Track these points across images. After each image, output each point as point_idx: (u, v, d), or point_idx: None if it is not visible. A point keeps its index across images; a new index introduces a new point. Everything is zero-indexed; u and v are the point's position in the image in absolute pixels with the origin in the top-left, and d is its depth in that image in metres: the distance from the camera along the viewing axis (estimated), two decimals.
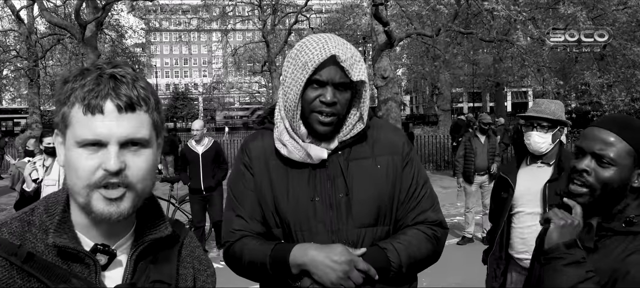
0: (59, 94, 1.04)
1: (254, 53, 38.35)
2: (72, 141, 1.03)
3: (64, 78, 1.05)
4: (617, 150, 1.47)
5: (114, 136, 1.01)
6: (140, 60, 32.83)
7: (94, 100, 1.01)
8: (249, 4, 31.81)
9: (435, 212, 1.83)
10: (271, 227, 1.80)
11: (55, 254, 1.01)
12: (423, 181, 1.85)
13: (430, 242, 1.77)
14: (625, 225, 1.48)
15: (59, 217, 1.02)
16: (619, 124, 1.52)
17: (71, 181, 1.04)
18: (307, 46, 1.69)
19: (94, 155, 1.02)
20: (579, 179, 1.51)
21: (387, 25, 14.95)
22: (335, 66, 1.65)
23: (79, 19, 17.36)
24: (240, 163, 1.87)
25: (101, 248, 1.04)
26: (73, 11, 18.55)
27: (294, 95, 1.70)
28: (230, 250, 1.80)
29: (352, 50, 1.70)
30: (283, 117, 1.79)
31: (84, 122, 1.01)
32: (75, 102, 1.03)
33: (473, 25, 18.90)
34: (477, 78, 38.68)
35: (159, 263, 1.13)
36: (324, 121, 1.70)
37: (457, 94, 53.29)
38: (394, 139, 1.85)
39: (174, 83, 74.30)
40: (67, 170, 1.04)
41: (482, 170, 8.31)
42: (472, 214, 8.46)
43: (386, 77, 16.08)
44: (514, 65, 22.47)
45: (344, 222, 1.73)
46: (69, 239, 1.02)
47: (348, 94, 1.71)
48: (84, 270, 1.03)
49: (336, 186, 1.75)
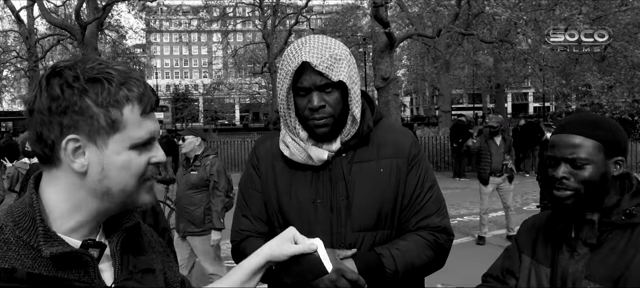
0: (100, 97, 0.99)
1: (254, 54, 38.41)
2: (122, 145, 1.02)
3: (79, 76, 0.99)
4: (587, 149, 1.54)
5: (157, 131, 1.09)
6: (140, 60, 32.85)
7: (150, 100, 1.05)
8: (250, 5, 31.85)
9: (440, 216, 1.80)
10: (275, 227, 1.82)
11: (49, 266, 0.98)
12: (429, 184, 1.82)
13: (431, 248, 1.75)
14: (624, 217, 1.53)
15: (42, 228, 0.99)
16: (581, 124, 1.59)
17: (120, 183, 1.03)
18: (287, 54, 1.71)
19: (143, 153, 1.05)
20: (560, 186, 1.57)
21: (387, 26, 14.94)
22: (313, 70, 1.66)
23: (79, 19, 17.39)
24: (249, 164, 1.93)
25: (91, 243, 1.04)
26: (73, 12, 18.57)
27: (282, 102, 1.74)
28: (237, 249, 1.87)
29: (333, 49, 1.68)
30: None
31: (140, 122, 1.04)
32: (126, 103, 1.01)
33: (474, 26, 18.89)
34: (478, 79, 38.72)
35: (135, 252, 1.14)
36: (318, 124, 1.70)
37: (458, 95, 53.30)
38: (401, 141, 1.83)
39: (174, 84, 74.33)
40: (114, 174, 1.03)
41: (498, 171, 8.28)
42: (487, 216, 8.43)
43: (386, 78, 16.07)
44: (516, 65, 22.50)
45: (343, 225, 1.74)
46: (61, 245, 0.99)
47: (337, 93, 1.70)
48: (81, 270, 1.01)
49: (337, 189, 1.75)
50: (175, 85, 70.51)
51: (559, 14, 15.79)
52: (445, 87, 27.23)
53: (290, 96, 1.73)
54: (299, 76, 1.67)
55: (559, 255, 1.63)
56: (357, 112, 1.74)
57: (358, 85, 1.76)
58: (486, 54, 29.61)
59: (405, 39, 21.48)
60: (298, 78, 1.68)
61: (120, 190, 1.04)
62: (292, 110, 1.74)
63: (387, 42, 15.66)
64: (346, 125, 1.76)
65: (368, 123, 1.79)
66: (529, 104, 66.32)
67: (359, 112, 1.75)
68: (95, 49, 18.45)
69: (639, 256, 1.48)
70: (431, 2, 16.09)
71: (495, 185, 8.38)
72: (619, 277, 1.49)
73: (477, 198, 8.68)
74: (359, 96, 1.75)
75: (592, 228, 1.56)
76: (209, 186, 5.34)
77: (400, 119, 18.58)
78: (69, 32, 19.06)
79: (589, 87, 19.23)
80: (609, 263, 1.52)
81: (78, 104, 0.98)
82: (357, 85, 1.75)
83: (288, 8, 31.12)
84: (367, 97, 1.89)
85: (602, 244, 1.55)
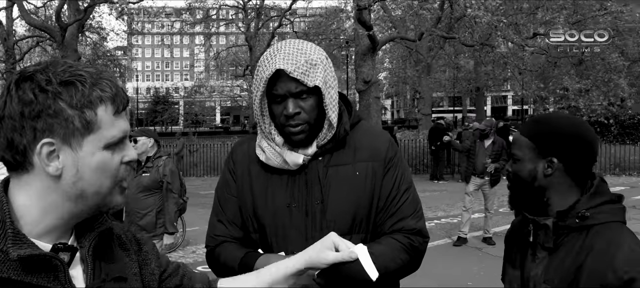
0: (73, 99, 0.99)
1: (237, 57, 38.24)
2: (97, 145, 1.02)
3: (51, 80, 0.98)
4: (520, 146, 1.62)
5: (128, 131, 1.09)
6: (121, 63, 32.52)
7: (122, 100, 1.06)
8: (233, 7, 31.74)
9: (415, 219, 1.79)
10: (250, 231, 1.82)
11: (18, 269, 0.97)
12: (405, 187, 1.81)
13: (406, 251, 1.73)
14: (578, 220, 1.53)
15: (12, 230, 0.97)
16: (525, 124, 1.68)
17: (95, 184, 1.03)
18: (262, 60, 1.70)
19: (116, 152, 1.06)
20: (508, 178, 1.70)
21: (370, 29, 15.03)
22: (288, 77, 1.65)
23: (60, 21, 17.18)
24: (226, 168, 1.91)
25: (61, 247, 1.02)
26: (54, 13, 18.35)
27: (257, 108, 1.74)
28: (212, 255, 1.85)
29: (308, 55, 1.67)
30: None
31: (113, 122, 1.04)
32: (100, 104, 1.02)
33: (455, 29, 19.08)
34: (458, 82, 39.06)
35: (107, 259, 1.12)
36: (293, 131, 1.70)
37: (438, 98, 53.70)
38: (377, 144, 1.82)
39: (155, 87, 73.69)
40: (89, 175, 1.02)
41: (481, 173, 8.38)
42: (469, 214, 8.50)
43: (368, 81, 16.16)
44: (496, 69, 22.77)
45: (317, 230, 1.72)
46: (30, 248, 0.97)
47: (313, 99, 1.69)
48: (50, 275, 0.99)
49: (312, 193, 1.75)
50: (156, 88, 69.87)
51: (541, 18, 16.03)
52: (426, 90, 27.44)
53: (265, 102, 1.72)
54: (275, 83, 1.66)
55: (526, 259, 1.66)
56: (333, 117, 1.73)
57: (335, 89, 1.75)
58: (467, 57, 29.90)
59: (388, 42, 21.64)
60: (273, 85, 1.67)
61: (95, 191, 1.04)
62: (267, 115, 1.74)
63: (370, 45, 15.76)
64: (323, 130, 1.75)
65: (345, 126, 1.78)
66: (508, 107, 67.02)
67: (336, 116, 1.74)
68: (75, 51, 18.23)
69: (590, 259, 1.47)
70: (414, 5, 16.21)
71: (477, 186, 8.51)
72: (572, 280, 1.49)
73: (454, 201, 8.76)
74: (335, 100, 1.74)
75: (546, 232, 1.57)
76: (161, 188, 5.19)
77: (381, 122, 18.66)
78: (49, 33, 18.81)
79: (566, 90, 19.55)
80: (565, 266, 1.52)
81: (52, 107, 0.97)
82: (334, 90, 1.74)
83: (272, 11, 31.06)
84: (345, 99, 1.87)
85: (559, 248, 1.55)
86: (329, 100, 1.71)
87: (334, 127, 1.75)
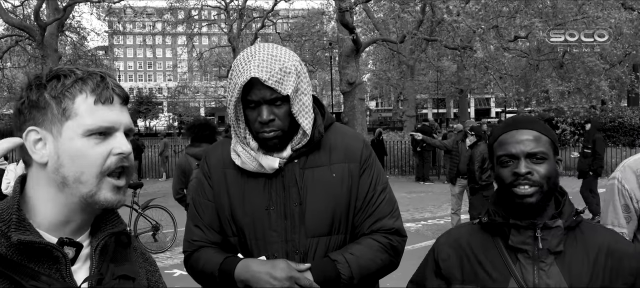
0: (54, 90, 1.06)
1: (220, 57, 38.07)
2: (75, 132, 1.05)
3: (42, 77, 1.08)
4: (544, 144, 1.52)
5: (122, 124, 1.10)
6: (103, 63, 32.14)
7: (105, 91, 1.08)
8: (216, 8, 31.56)
9: (392, 218, 1.80)
10: (228, 235, 1.81)
11: (20, 254, 1.00)
12: (382, 187, 1.82)
13: (385, 251, 1.75)
14: (575, 217, 1.54)
15: (16, 217, 1.01)
16: (533, 122, 1.57)
17: (75, 172, 1.05)
18: (236, 65, 1.69)
19: (103, 143, 1.07)
20: (525, 182, 1.48)
21: (353, 31, 15.06)
22: (262, 85, 1.64)
23: (38, 20, 16.94)
24: (201, 174, 1.90)
25: (67, 241, 1.05)
26: (32, 12, 18.08)
27: (231, 113, 1.73)
28: (189, 261, 1.85)
29: (283, 62, 1.67)
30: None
31: (95, 111, 1.06)
32: (79, 93, 1.06)
33: (437, 32, 19.20)
34: (441, 85, 39.32)
35: (118, 261, 1.15)
36: (267, 137, 1.70)
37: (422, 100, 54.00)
38: (352, 145, 1.83)
39: (137, 87, 73.06)
40: (68, 161, 1.05)
41: (464, 173, 8.33)
42: (458, 216, 8.52)
43: (352, 82, 16.17)
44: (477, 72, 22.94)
45: (296, 232, 1.73)
46: (33, 235, 1.01)
47: (287, 105, 1.69)
48: (52, 267, 1.02)
49: (290, 195, 1.75)
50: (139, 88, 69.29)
51: (520, 22, 16.18)
52: (410, 92, 27.56)
53: (239, 107, 1.71)
54: (249, 89, 1.66)
55: (515, 268, 1.51)
56: (305, 124, 1.73)
57: (308, 95, 1.75)
58: (449, 60, 30.09)
59: (371, 44, 21.68)
60: (248, 91, 1.66)
61: (75, 179, 1.05)
62: (242, 120, 1.73)
63: (353, 47, 15.79)
64: (297, 135, 1.75)
65: (319, 129, 1.79)
66: (491, 109, 67.66)
67: (310, 124, 1.75)
68: (55, 50, 17.98)
69: (602, 255, 1.50)
70: (396, 8, 16.26)
71: (462, 187, 8.53)
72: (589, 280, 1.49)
73: (440, 202, 8.80)
74: (309, 106, 1.75)
75: (555, 235, 1.49)
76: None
77: (366, 123, 18.69)
78: (28, 33, 18.56)
79: (547, 93, 19.76)
80: (582, 266, 1.50)
81: (37, 98, 1.06)
82: (307, 96, 1.74)
83: (254, 12, 30.94)
84: (318, 102, 1.88)
85: (563, 251, 1.50)
86: (303, 107, 1.72)
87: (308, 133, 1.75)
